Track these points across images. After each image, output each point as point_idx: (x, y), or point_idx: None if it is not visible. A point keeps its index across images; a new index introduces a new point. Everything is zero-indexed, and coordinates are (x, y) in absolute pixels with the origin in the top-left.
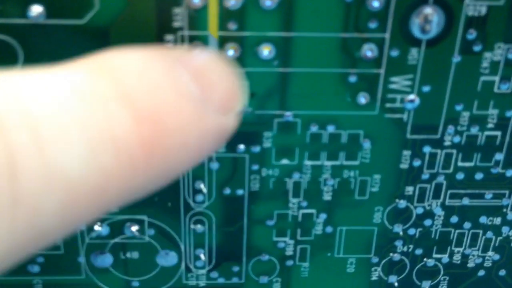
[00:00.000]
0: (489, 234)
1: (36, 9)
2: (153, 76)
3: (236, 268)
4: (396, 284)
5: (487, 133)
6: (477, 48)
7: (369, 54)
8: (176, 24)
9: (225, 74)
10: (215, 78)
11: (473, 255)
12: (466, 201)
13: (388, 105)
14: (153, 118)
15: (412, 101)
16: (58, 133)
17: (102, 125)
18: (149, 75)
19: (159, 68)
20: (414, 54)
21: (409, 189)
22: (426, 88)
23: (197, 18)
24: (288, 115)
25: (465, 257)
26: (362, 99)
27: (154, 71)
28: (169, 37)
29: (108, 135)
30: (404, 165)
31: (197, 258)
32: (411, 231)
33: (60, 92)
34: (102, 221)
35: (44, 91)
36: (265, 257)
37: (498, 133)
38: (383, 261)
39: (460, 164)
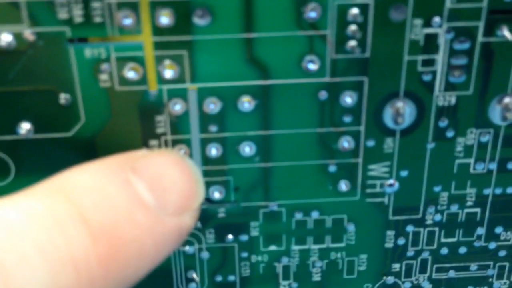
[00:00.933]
0: None
1: (24, 126)
2: (107, 192)
3: None
4: None
5: (467, 210)
6: (450, 134)
7: (346, 145)
8: (159, 130)
9: (180, 177)
10: (170, 183)
11: None
12: (452, 273)
13: (368, 190)
14: (108, 234)
15: (391, 185)
16: (21, 262)
17: (61, 248)
18: (102, 192)
19: (113, 182)
20: (390, 143)
21: (396, 266)
22: (404, 173)
23: (178, 123)
24: (273, 205)
25: None
26: (343, 186)
27: (108, 186)
28: (153, 142)
29: (67, 257)
30: (389, 244)
31: None
32: None
33: (20, 220)
34: None
35: (4, 221)
36: None
37: (478, 210)
38: None
39: (443, 240)
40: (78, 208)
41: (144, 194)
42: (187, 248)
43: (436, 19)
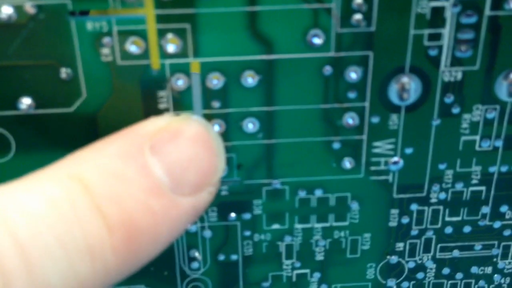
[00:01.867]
0: (482, 283)
1: (25, 101)
2: (125, 178)
3: None
4: None
5: (472, 188)
6: (455, 110)
7: (350, 122)
8: (162, 106)
9: (201, 153)
10: (189, 161)
11: None
12: (456, 253)
13: (373, 168)
14: (124, 224)
15: (396, 163)
16: (44, 253)
17: (80, 240)
18: (120, 178)
19: (131, 166)
20: (395, 120)
21: (400, 245)
22: (409, 150)
23: (180, 99)
24: (276, 183)
25: None
26: (347, 164)
27: (126, 171)
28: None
29: (85, 249)
30: (393, 223)
31: None
32: (405, 285)
33: (42, 210)
34: None
35: (26, 212)
36: None
37: (483, 188)
38: None
39: (447, 219)
40: (95, 198)
41: (162, 178)
42: (189, 226)
43: None
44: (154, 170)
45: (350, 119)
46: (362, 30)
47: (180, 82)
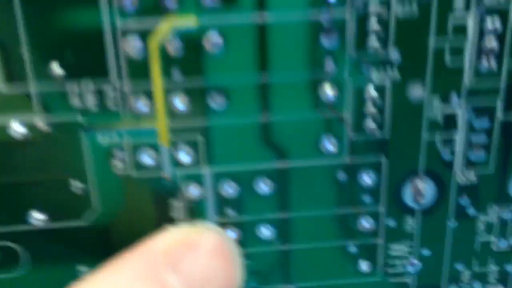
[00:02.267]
0: None
1: (37, 216)
2: None
3: None
4: None
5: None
6: (471, 212)
7: (366, 225)
8: (175, 215)
9: (220, 269)
10: (209, 279)
11: None
12: None
13: (390, 270)
14: None
15: (413, 264)
16: None
17: None
18: None
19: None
20: (410, 223)
21: None
22: (425, 252)
23: (194, 208)
24: None
25: None
26: (364, 267)
27: None
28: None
29: None
30: None
31: None
32: None
33: None
34: None
35: None
36: None
37: None
38: None
39: None
40: None
41: None
42: None
43: (455, 98)
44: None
45: (365, 223)
46: (375, 137)
47: (192, 191)
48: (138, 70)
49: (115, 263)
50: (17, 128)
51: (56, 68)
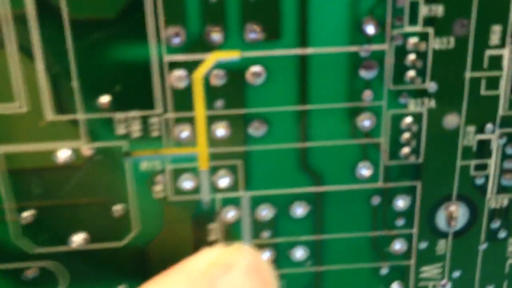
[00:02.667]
0: None
1: (78, 237)
2: None
3: None
4: None
5: None
6: (502, 235)
7: (398, 248)
8: (212, 237)
9: (256, 286)
10: None
11: None
12: None
13: None
14: None
15: (444, 286)
16: None
17: None
18: None
19: None
20: (442, 245)
21: None
22: (456, 274)
23: (231, 230)
24: None
25: None
26: None
27: None
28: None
29: None
30: None
31: None
32: None
33: None
34: None
35: None
36: None
37: None
38: None
39: None
40: None
41: None
42: None
43: (489, 125)
44: None
45: (398, 245)
46: (410, 162)
47: (230, 215)
48: (183, 100)
49: (155, 281)
50: (62, 154)
51: (104, 100)
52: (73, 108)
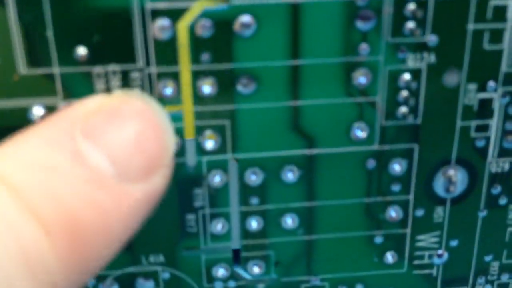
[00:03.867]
0: None
1: None
2: (56, 170)
3: None
4: None
5: None
6: (502, 201)
7: (393, 215)
8: (197, 204)
9: (144, 133)
10: (131, 143)
11: None
12: None
13: (416, 262)
14: (66, 222)
15: (440, 256)
16: None
17: (13, 250)
18: (50, 171)
19: (61, 155)
20: (440, 213)
21: None
22: (454, 243)
23: (217, 196)
24: (315, 279)
25: None
26: (390, 258)
27: (56, 161)
28: (190, 216)
29: (21, 259)
30: None
31: None
32: None
33: None
34: None
35: None
36: None
37: None
38: None
39: None
40: (24, 198)
41: (102, 164)
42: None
43: (491, 83)
44: (90, 156)
45: (393, 213)
46: (408, 123)
47: (217, 179)
48: (166, 53)
49: (21, 134)
50: (36, 111)
51: (82, 52)
52: (48, 61)
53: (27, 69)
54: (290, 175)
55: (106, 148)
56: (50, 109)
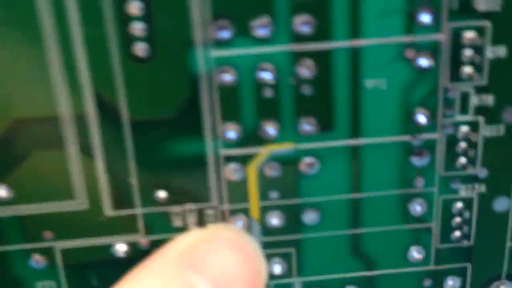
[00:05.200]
0: None
1: None
2: None
3: None
4: None
5: None
6: None
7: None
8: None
9: (243, 264)
10: (233, 274)
11: None
12: None
13: None
14: None
15: None
16: None
17: None
18: None
19: None
20: None
21: None
22: None
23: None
24: None
25: None
26: None
27: None
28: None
29: None
30: None
31: None
32: None
33: None
34: None
35: None
36: None
37: None
38: None
39: None
40: None
41: None
42: None
43: None
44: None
45: None
46: (461, 245)
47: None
48: (238, 192)
49: (133, 275)
50: (121, 247)
51: (162, 195)
52: (132, 203)
53: (112, 211)
54: None
55: (211, 279)
56: (132, 245)
